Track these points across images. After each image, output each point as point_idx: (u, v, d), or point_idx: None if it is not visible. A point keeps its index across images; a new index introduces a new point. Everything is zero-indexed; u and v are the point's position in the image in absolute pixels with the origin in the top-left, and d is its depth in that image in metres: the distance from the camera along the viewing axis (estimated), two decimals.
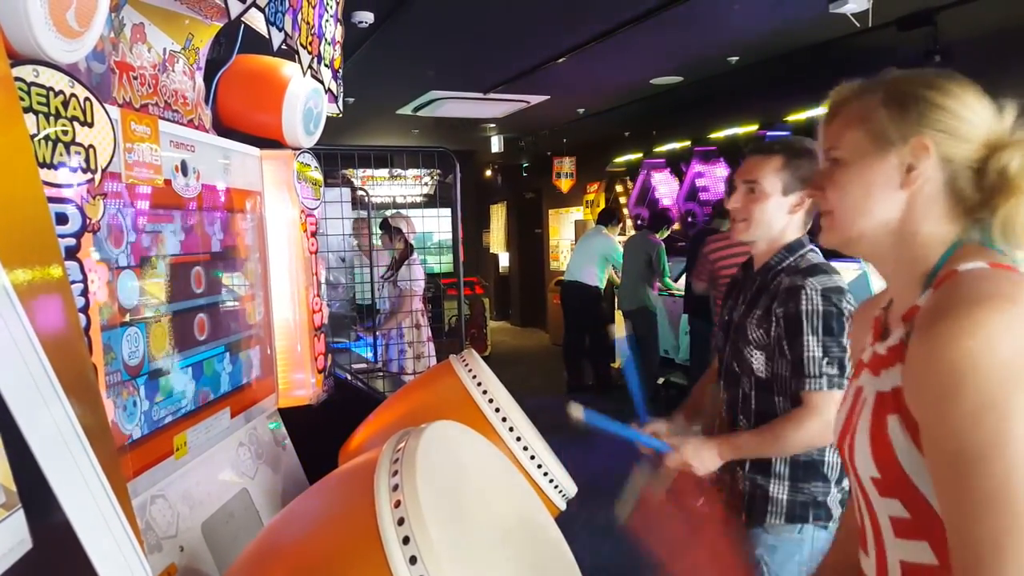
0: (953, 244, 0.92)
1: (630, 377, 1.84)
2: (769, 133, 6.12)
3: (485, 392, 1.61)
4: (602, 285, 7.17)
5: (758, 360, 1.74)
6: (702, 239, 5.56)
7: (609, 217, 7.36)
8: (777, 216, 1.75)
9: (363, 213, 5.68)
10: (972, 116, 0.91)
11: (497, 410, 1.58)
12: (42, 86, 1.05)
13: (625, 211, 8.59)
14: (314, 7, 1.91)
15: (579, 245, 7.46)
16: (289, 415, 2.22)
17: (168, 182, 1.56)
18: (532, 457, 1.55)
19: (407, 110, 7.35)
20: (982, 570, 0.75)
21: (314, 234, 2.25)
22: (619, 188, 9.03)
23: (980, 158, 0.90)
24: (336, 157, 3.93)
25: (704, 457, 1.67)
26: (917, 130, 0.92)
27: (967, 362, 0.77)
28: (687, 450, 1.68)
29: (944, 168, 0.92)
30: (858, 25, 4.37)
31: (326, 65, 2.09)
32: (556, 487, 1.58)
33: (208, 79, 1.98)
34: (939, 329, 0.81)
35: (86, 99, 1.15)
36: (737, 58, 5.57)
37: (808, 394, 1.64)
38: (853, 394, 1.02)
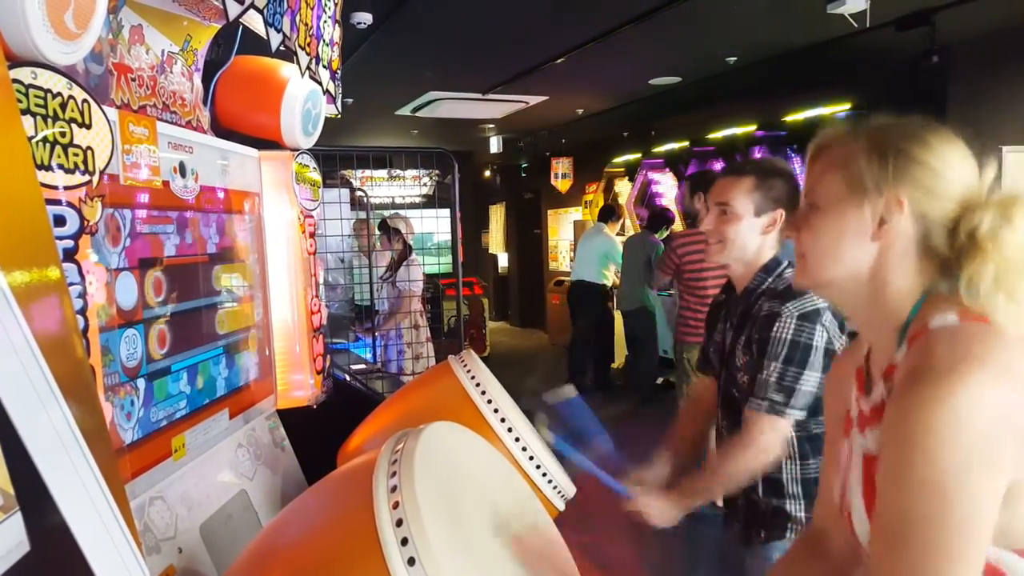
0: (923, 294, 0.92)
1: (577, 415, 1.83)
2: (767, 133, 6.14)
3: (484, 393, 1.61)
4: (608, 282, 7.17)
5: (748, 386, 1.75)
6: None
7: (609, 214, 7.38)
8: (750, 237, 1.76)
9: (362, 214, 5.68)
10: (950, 173, 0.91)
11: (496, 411, 1.58)
12: (40, 88, 1.05)
13: (625, 210, 8.59)
14: (312, 8, 1.92)
15: (581, 244, 7.46)
16: (288, 416, 2.22)
17: (166, 183, 1.56)
18: (531, 458, 1.55)
19: (406, 111, 7.35)
20: None
21: (312, 235, 2.25)
22: (618, 186, 9.03)
23: (954, 216, 0.90)
24: (335, 158, 3.93)
25: (663, 509, 1.67)
26: (894, 184, 0.91)
27: (928, 432, 0.78)
28: (644, 502, 1.67)
29: (917, 224, 0.91)
30: (856, 25, 4.38)
31: (324, 66, 2.09)
32: (555, 488, 1.58)
33: (206, 80, 1.98)
34: (909, 392, 0.81)
35: (84, 101, 1.15)
36: (735, 58, 5.58)
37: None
38: (845, 453, 1.03)
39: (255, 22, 1.70)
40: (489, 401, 1.60)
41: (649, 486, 1.72)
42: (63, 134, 1.11)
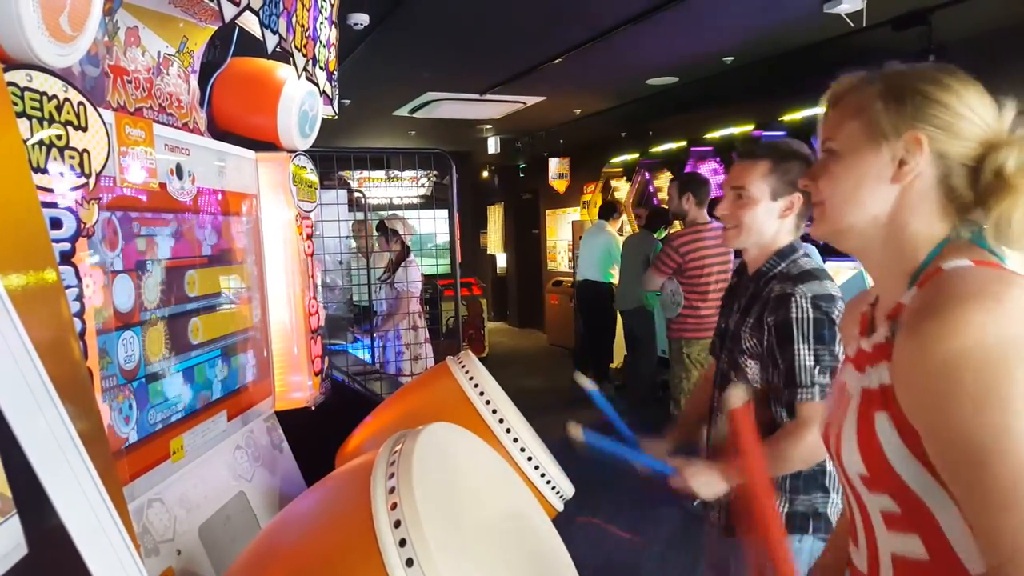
0: (941, 242, 0.91)
1: (602, 404, 1.81)
2: (764, 133, 6.14)
3: (482, 394, 1.61)
4: (614, 280, 7.17)
5: (752, 369, 1.72)
6: None
7: (611, 211, 7.38)
8: (767, 221, 1.73)
9: (360, 215, 5.68)
10: (969, 113, 0.90)
11: (494, 412, 1.58)
12: (35, 91, 1.05)
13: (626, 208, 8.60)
14: (308, 10, 1.92)
15: (583, 243, 7.45)
16: (286, 418, 2.22)
17: (163, 186, 1.56)
18: (529, 459, 1.55)
19: (403, 111, 7.35)
20: (1020, 560, 0.74)
21: (310, 236, 2.25)
22: (616, 186, 9.03)
23: (976, 156, 0.89)
24: (332, 159, 3.93)
25: (709, 482, 1.62)
26: (912, 124, 0.91)
27: (958, 361, 0.77)
28: (690, 474, 1.63)
29: (938, 164, 0.90)
30: (852, 25, 4.38)
31: (321, 67, 2.09)
32: (553, 488, 1.58)
33: (203, 82, 1.98)
34: (926, 329, 0.81)
35: (80, 103, 1.15)
36: (732, 58, 5.58)
37: (801, 405, 1.61)
38: (837, 389, 1.02)
39: (251, 24, 1.70)
40: (487, 402, 1.60)
41: (693, 462, 1.67)
42: (59, 137, 1.11)
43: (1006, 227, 0.87)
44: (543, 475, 1.56)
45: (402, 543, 0.90)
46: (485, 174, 12.18)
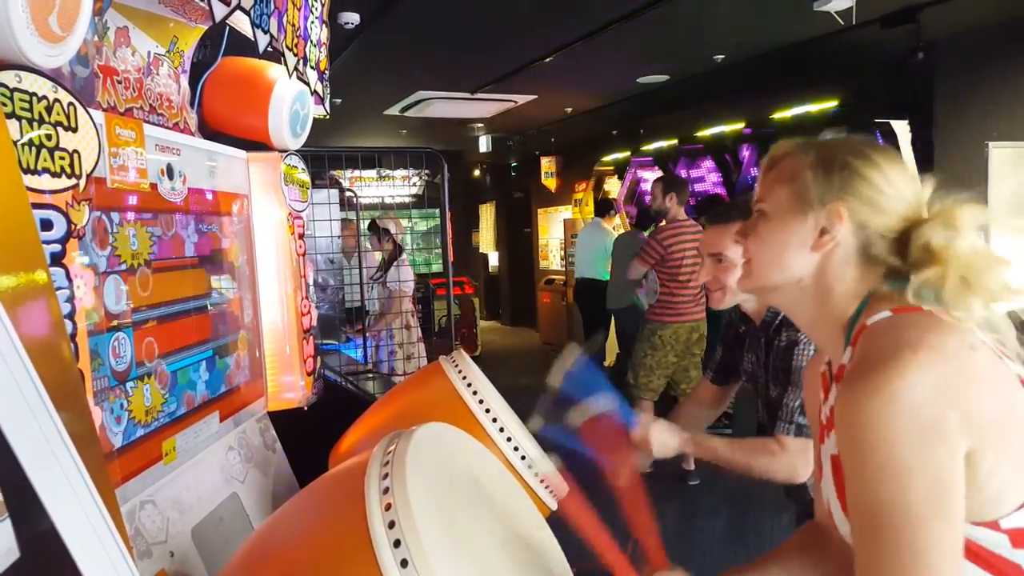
0: (865, 297, 0.96)
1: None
2: (756, 131, 6.16)
3: (475, 393, 1.61)
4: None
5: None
6: None
7: (606, 208, 7.40)
8: None
9: (352, 214, 5.67)
10: (892, 190, 0.95)
11: (487, 411, 1.58)
12: (25, 91, 1.05)
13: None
14: (299, 9, 1.91)
15: (580, 241, 7.46)
16: (279, 418, 2.21)
17: (154, 186, 1.56)
18: (523, 457, 1.55)
19: (395, 110, 7.34)
20: None
21: (302, 236, 2.25)
22: (608, 184, 9.05)
23: (897, 229, 0.94)
24: (323, 159, 3.92)
25: (665, 440, 1.71)
26: (837, 196, 0.95)
27: (871, 424, 0.81)
28: (652, 427, 1.71)
29: (858, 234, 0.95)
30: (842, 23, 4.41)
31: (312, 67, 2.09)
32: (547, 487, 1.58)
33: (193, 82, 1.97)
34: (850, 389, 0.85)
35: (70, 104, 1.14)
36: (723, 56, 5.60)
37: (779, 436, 1.74)
38: (816, 460, 1.07)
39: (242, 23, 1.70)
40: (480, 401, 1.60)
41: (657, 419, 1.75)
42: (49, 137, 1.10)
43: (929, 290, 0.90)
44: (536, 474, 1.56)
45: (396, 544, 0.90)
46: (477, 173, 12.18)
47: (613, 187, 8.90)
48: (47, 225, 1.10)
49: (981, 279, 0.88)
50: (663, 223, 4.81)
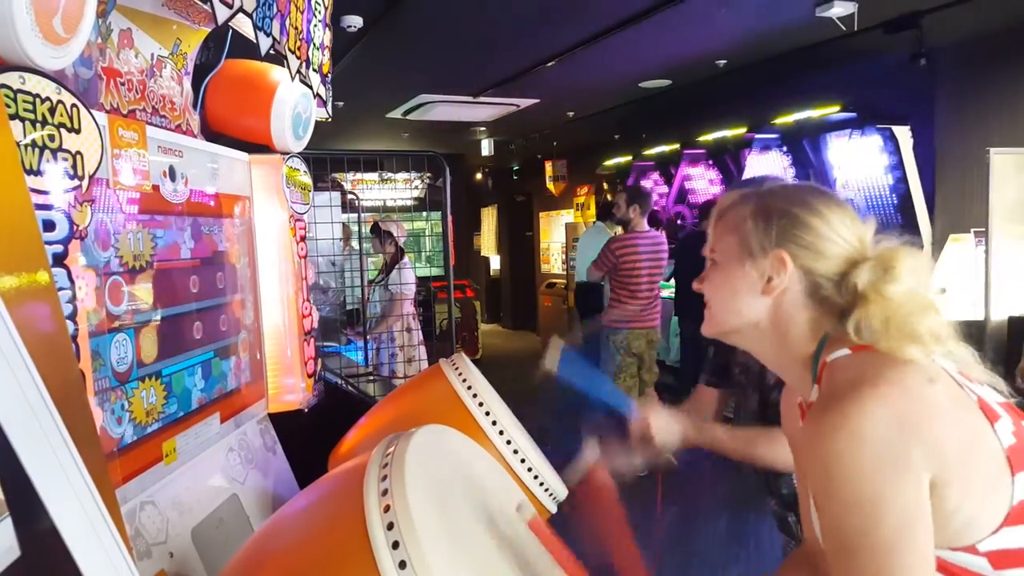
0: (823, 337, 0.98)
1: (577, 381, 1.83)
2: (757, 136, 6.16)
3: (475, 396, 1.61)
4: None
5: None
6: (691, 240, 5.67)
7: (608, 212, 7.39)
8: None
9: (354, 217, 5.67)
10: (832, 235, 0.97)
11: (487, 414, 1.58)
12: (28, 93, 1.05)
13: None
14: (302, 12, 1.92)
15: (581, 245, 7.46)
16: (279, 420, 2.22)
17: (156, 187, 1.56)
18: (522, 461, 1.55)
19: (397, 113, 7.35)
20: None
21: (303, 238, 2.25)
22: (607, 188, 9.05)
23: (840, 272, 0.97)
24: (325, 161, 3.93)
25: (668, 427, 1.67)
26: (777, 244, 0.99)
27: (835, 459, 0.84)
28: (654, 415, 1.67)
29: (804, 279, 0.98)
30: (844, 28, 4.41)
31: (315, 70, 2.09)
32: (546, 490, 1.58)
33: (196, 84, 1.98)
34: (813, 426, 0.89)
35: (73, 106, 1.15)
36: (725, 61, 5.60)
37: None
38: (799, 482, 1.09)
39: (245, 26, 1.70)
40: (480, 404, 1.60)
41: (657, 407, 1.72)
42: (52, 139, 1.11)
43: (861, 329, 0.93)
44: (536, 477, 1.56)
45: (395, 545, 0.90)
46: (479, 176, 12.19)
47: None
48: (50, 226, 1.11)
49: (904, 323, 0.90)
50: (622, 232, 5.01)
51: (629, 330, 4.83)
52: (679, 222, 7.66)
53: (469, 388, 1.63)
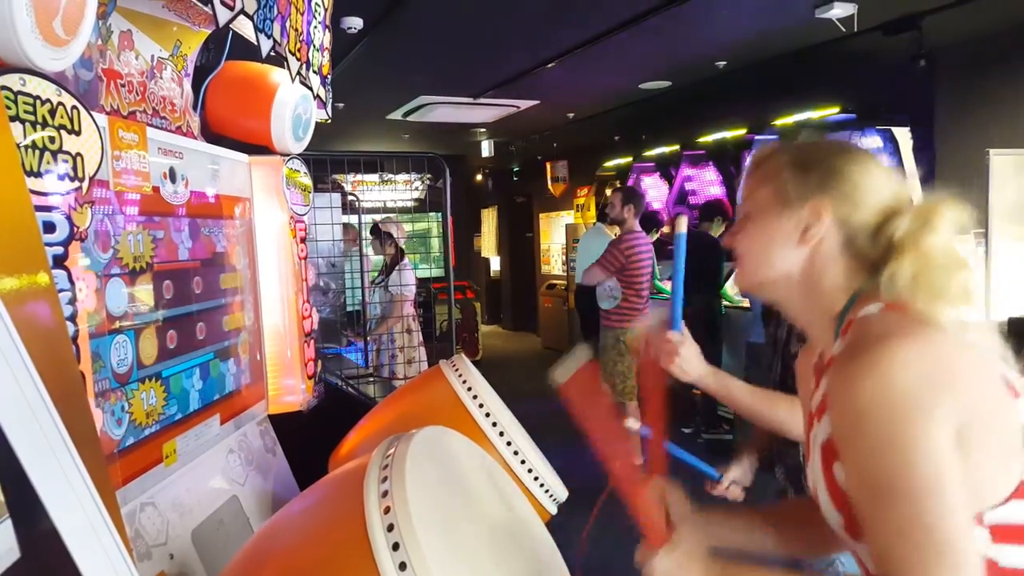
0: (855, 293, 0.98)
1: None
2: (757, 137, 6.16)
3: (475, 397, 1.61)
4: None
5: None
6: (691, 241, 5.64)
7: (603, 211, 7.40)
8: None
9: (354, 218, 5.67)
10: (869, 184, 0.98)
11: (487, 415, 1.58)
12: (29, 95, 1.05)
13: None
14: (302, 14, 1.92)
15: (581, 246, 7.45)
16: (279, 421, 2.22)
17: (156, 189, 1.56)
18: (523, 462, 1.55)
19: (397, 115, 7.35)
20: None
21: (303, 240, 2.25)
22: (608, 192, 9.05)
23: (876, 223, 0.96)
24: (326, 163, 3.93)
25: (692, 361, 1.58)
26: (816, 193, 0.98)
27: (866, 401, 0.83)
28: (686, 342, 1.58)
29: (841, 229, 0.98)
30: (844, 30, 4.41)
31: (315, 71, 2.09)
32: (547, 492, 1.58)
33: (196, 86, 1.98)
34: (842, 373, 0.88)
35: (73, 107, 1.15)
36: (725, 63, 5.60)
37: None
38: (806, 445, 1.07)
39: (245, 28, 1.70)
40: (480, 405, 1.60)
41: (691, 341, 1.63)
42: (52, 140, 1.11)
43: (895, 285, 0.92)
44: (536, 478, 1.56)
45: (395, 547, 0.90)
46: (479, 177, 12.19)
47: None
48: (50, 227, 1.11)
49: (936, 277, 0.90)
50: (620, 232, 4.96)
51: (634, 327, 4.81)
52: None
53: (469, 389, 1.63)
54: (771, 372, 1.91)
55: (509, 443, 1.55)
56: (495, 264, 12.71)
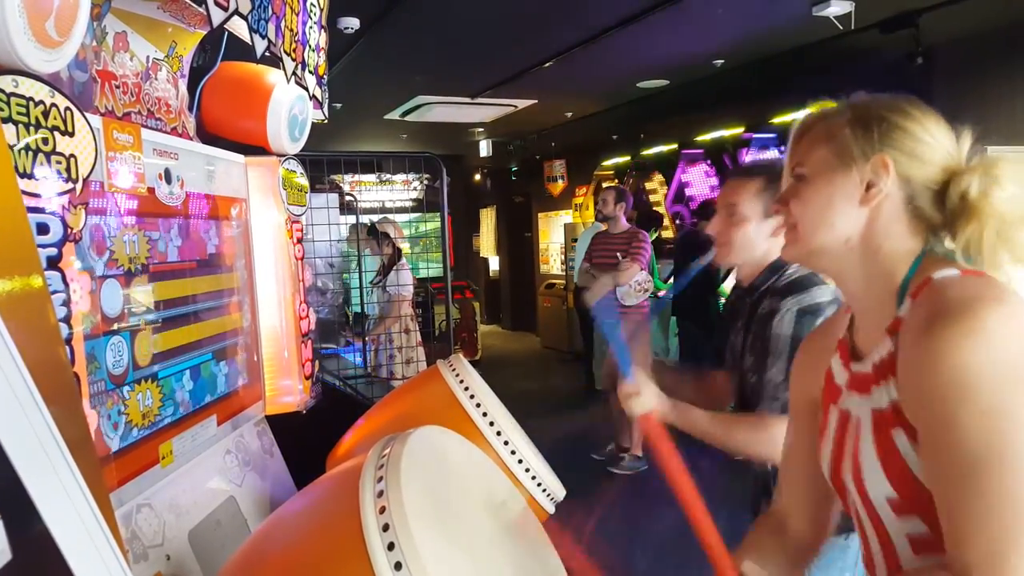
0: (918, 256, 0.95)
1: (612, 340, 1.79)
2: (755, 136, 6.17)
3: (472, 397, 1.61)
4: None
5: (754, 382, 1.74)
6: (690, 239, 5.70)
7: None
8: (757, 240, 1.75)
9: (351, 218, 5.67)
10: (931, 140, 0.96)
11: (484, 414, 1.58)
12: (21, 96, 1.05)
13: None
14: (297, 14, 1.92)
15: (580, 245, 7.45)
16: (277, 422, 2.22)
17: (151, 190, 1.56)
18: (520, 461, 1.55)
19: (395, 115, 7.35)
20: (1003, 563, 0.76)
21: (300, 240, 2.25)
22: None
23: (939, 180, 0.94)
24: (323, 163, 3.93)
25: (648, 402, 1.59)
26: (879, 148, 0.96)
27: (971, 366, 0.79)
28: (641, 388, 1.60)
29: (904, 187, 0.95)
30: (841, 28, 4.41)
31: (311, 72, 2.09)
32: (544, 491, 1.58)
33: (192, 86, 1.98)
34: (936, 333, 0.82)
35: (67, 109, 1.15)
36: (722, 61, 5.60)
37: (763, 413, 1.65)
38: (838, 420, 1.03)
39: (240, 28, 1.70)
40: (478, 405, 1.60)
41: (649, 380, 1.65)
42: (45, 142, 1.11)
43: (975, 249, 0.90)
44: (534, 477, 1.56)
45: (390, 546, 0.90)
46: (477, 177, 12.19)
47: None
48: (43, 229, 1.11)
49: (1015, 234, 0.88)
50: (615, 228, 5.06)
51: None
52: (677, 221, 7.66)
53: (466, 389, 1.63)
54: (732, 381, 1.88)
55: (506, 443, 1.55)
56: (494, 264, 12.71)
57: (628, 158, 8.40)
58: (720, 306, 5.86)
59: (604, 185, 8.81)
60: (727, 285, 5.82)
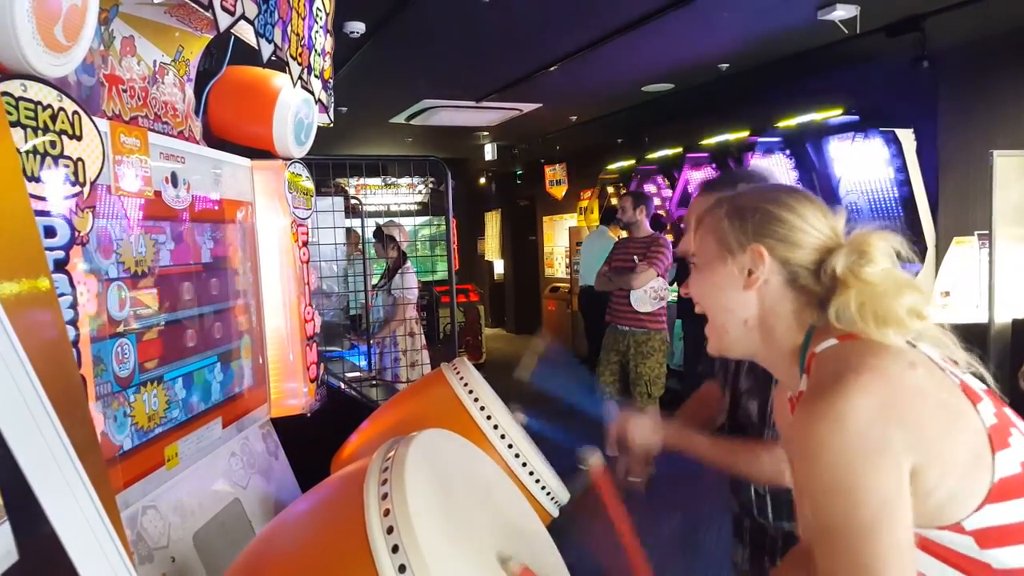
0: (809, 328, 1.02)
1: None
2: (760, 139, 6.15)
3: (476, 400, 1.61)
4: None
5: (752, 408, 1.74)
6: None
7: (613, 216, 7.39)
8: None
9: (357, 222, 5.68)
10: (804, 225, 1.03)
11: (488, 418, 1.58)
12: (30, 100, 1.06)
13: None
14: (303, 19, 1.93)
15: (585, 249, 7.44)
16: (282, 424, 2.22)
17: (158, 193, 1.57)
18: (524, 464, 1.55)
19: (400, 119, 7.36)
20: None
21: (305, 243, 2.26)
22: (611, 191, 9.05)
23: (815, 260, 1.02)
24: (328, 167, 3.94)
25: (646, 431, 1.63)
26: (754, 238, 1.04)
27: (819, 445, 0.87)
28: (631, 422, 1.64)
29: (783, 270, 1.03)
30: (846, 32, 4.41)
31: (316, 76, 2.10)
32: (548, 494, 1.58)
33: (198, 90, 1.99)
34: (798, 418, 0.93)
35: (74, 113, 1.15)
36: (728, 65, 5.60)
37: (766, 442, 1.65)
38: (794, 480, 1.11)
39: (246, 33, 1.71)
40: (482, 408, 1.60)
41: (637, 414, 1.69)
42: (53, 145, 1.11)
43: (845, 317, 0.97)
44: (538, 480, 1.56)
45: (395, 549, 0.91)
46: (482, 181, 12.20)
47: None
48: (51, 232, 1.11)
49: (882, 304, 0.94)
50: (636, 233, 4.97)
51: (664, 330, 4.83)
52: (683, 226, 7.64)
53: (471, 392, 1.63)
54: (726, 403, 1.89)
55: (511, 445, 1.55)
56: (499, 267, 12.72)
57: (633, 162, 8.39)
58: None
59: (621, 192, 8.83)
60: None
